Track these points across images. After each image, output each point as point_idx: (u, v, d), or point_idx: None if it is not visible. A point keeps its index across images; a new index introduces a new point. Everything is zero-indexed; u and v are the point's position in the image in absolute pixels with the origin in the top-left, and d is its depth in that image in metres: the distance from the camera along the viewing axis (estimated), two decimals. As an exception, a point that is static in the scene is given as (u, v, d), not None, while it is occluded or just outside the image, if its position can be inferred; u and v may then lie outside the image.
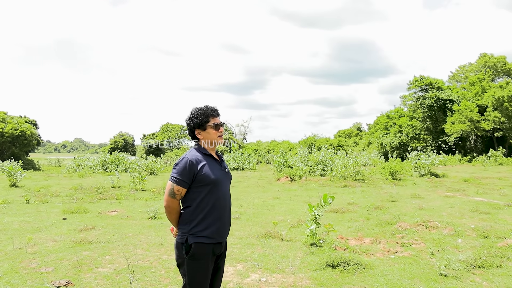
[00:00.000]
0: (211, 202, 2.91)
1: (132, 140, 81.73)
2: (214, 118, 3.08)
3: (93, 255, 5.85)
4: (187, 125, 3.12)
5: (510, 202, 10.20)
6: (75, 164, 30.00)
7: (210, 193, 2.91)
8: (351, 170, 17.94)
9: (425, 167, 19.92)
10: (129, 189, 14.96)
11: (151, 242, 6.64)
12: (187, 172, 2.86)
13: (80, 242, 6.54)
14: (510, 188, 13.95)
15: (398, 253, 5.88)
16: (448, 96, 37.23)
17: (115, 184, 16.23)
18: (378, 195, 12.66)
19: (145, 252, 6.02)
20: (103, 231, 7.54)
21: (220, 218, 2.95)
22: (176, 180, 2.88)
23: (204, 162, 2.94)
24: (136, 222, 8.54)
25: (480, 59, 45.58)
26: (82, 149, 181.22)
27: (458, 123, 33.83)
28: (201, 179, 2.88)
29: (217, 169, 3.02)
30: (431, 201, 11.15)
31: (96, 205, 11.20)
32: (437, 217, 8.65)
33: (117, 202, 11.74)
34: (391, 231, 7.29)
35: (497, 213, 8.97)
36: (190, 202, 2.92)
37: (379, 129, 44.47)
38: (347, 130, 65.37)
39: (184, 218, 2.93)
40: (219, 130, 3.09)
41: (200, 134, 3.07)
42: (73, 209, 9.89)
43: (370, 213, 9.31)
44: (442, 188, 14.44)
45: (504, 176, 18.93)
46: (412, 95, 40.25)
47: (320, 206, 6.25)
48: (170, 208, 2.93)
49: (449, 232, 7.02)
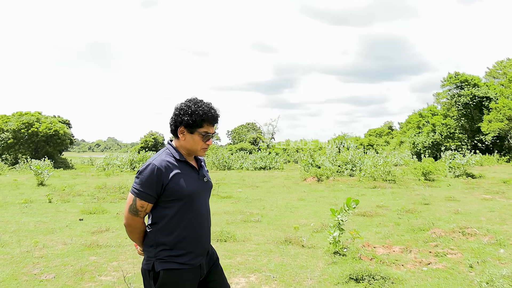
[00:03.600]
0: (184, 221, 2.33)
1: (162, 139, 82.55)
2: (209, 126, 2.46)
3: (100, 260, 5.52)
4: (174, 116, 2.45)
5: (557, 206, 9.32)
6: (104, 163, 30.33)
7: (182, 210, 2.33)
8: (381, 170, 17.18)
9: (460, 167, 18.91)
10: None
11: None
12: (154, 183, 2.27)
13: (89, 246, 6.24)
14: (555, 190, 12.92)
15: (431, 264, 5.27)
16: (485, 93, 35.55)
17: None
18: (410, 197, 11.94)
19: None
20: (116, 234, 7.23)
21: (195, 240, 2.38)
22: (139, 193, 2.28)
23: (176, 171, 2.34)
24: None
25: (519, 54, 43.44)
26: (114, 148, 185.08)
27: (495, 122, 32.24)
28: (171, 192, 2.30)
29: (193, 179, 2.43)
30: (468, 204, 10.37)
31: (116, 205, 10.98)
32: (475, 222, 7.94)
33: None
34: (424, 239, 6.66)
35: (543, 219, 8.16)
36: (156, 220, 2.35)
37: (411, 128, 43.06)
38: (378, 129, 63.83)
39: (149, 239, 2.35)
40: (206, 142, 2.47)
41: (183, 135, 2.43)
42: (91, 209, 9.68)
43: (400, 217, 8.66)
44: (480, 190, 13.54)
45: (547, 177, 17.71)
46: (447, 92, 38.70)
47: (343, 210, 5.71)
48: (131, 227, 2.36)
49: (489, 241, 6.33)
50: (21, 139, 36.52)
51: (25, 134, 36.68)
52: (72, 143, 51.01)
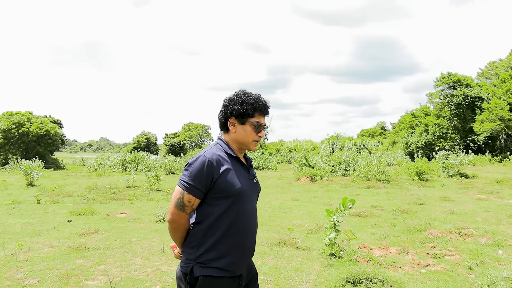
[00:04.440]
0: (231, 221, 2.16)
1: (155, 139, 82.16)
2: (260, 116, 2.31)
3: (87, 264, 5.31)
4: (223, 107, 2.31)
5: (553, 206, 9.24)
6: (95, 163, 29.98)
7: (231, 208, 2.16)
8: (375, 170, 17.08)
9: (454, 167, 18.88)
10: (144, 189, 14.52)
11: (153, 250, 6.07)
12: (204, 176, 2.10)
13: (77, 249, 6.03)
14: (549, 190, 12.87)
15: (429, 266, 5.13)
16: (477, 93, 35.66)
17: (130, 183, 15.84)
18: (404, 197, 11.83)
19: (144, 261, 5.45)
20: (106, 236, 7.02)
21: (241, 245, 2.20)
22: (188, 187, 2.12)
23: (227, 166, 2.18)
24: (143, 226, 8.01)
25: (511, 55, 43.66)
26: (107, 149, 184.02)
27: (487, 122, 32.34)
28: (221, 188, 2.13)
29: (243, 177, 2.26)
30: (463, 204, 10.27)
31: (107, 206, 10.75)
32: (471, 223, 7.83)
33: (129, 203, 11.27)
34: (420, 239, 6.52)
35: (539, 219, 8.07)
36: (201, 218, 2.17)
37: (404, 128, 43.12)
38: (371, 129, 63.94)
39: (191, 240, 2.18)
40: (259, 133, 2.31)
41: (234, 126, 2.28)
42: (81, 210, 9.45)
43: (396, 218, 8.53)
44: (474, 190, 13.47)
45: (540, 177, 17.71)
46: (439, 92, 38.78)
47: (339, 211, 5.55)
48: (176, 223, 2.18)
49: (487, 242, 6.21)
50: (11, 139, 36.06)
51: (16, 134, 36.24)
52: (63, 143, 50.54)
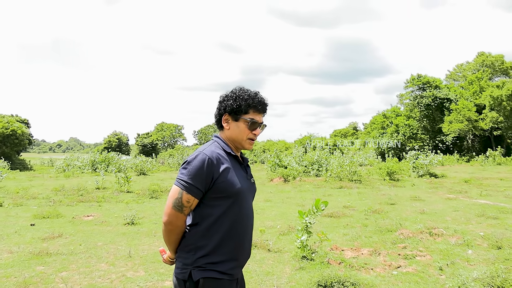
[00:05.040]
0: (230, 223, 2.05)
1: (127, 139, 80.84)
2: (256, 114, 2.19)
3: (48, 271, 5.04)
4: (218, 103, 2.22)
5: (518, 205, 9.46)
6: (64, 164, 29.14)
7: (230, 209, 2.05)
8: (347, 170, 17.19)
9: (424, 167, 19.24)
10: (113, 191, 14.13)
11: (119, 254, 5.83)
12: (204, 175, 1.99)
13: (38, 254, 5.73)
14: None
15: (401, 267, 5.11)
16: (446, 95, 36.56)
17: (100, 185, 15.40)
18: (376, 197, 11.91)
19: (109, 267, 5.22)
20: (70, 240, 6.73)
21: (240, 247, 2.10)
22: (187, 186, 1.99)
23: (227, 164, 2.08)
24: (111, 229, 7.73)
25: (477, 57, 44.95)
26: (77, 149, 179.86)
27: (455, 123, 33.19)
28: (221, 188, 2.02)
29: (242, 176, 2.16)
30: (433, 204, 10.40)
31: (73, 208, 10.37)
32: (441, 222, 7.91)
33: (97, 205, 10.92)
34: (392, 240, 6.52)
35: (506, 218, 8.23)
36: (199, 220, 2.05)
37: (375, 128, 43.77)
38: (343, 130, 64.68)
39: (187, 243, 2.05)
40: (253, 131, 2.19)
41: (227, 123, 2.19)
42: (45, 213, 9.07)
43: (368, 218, 8.54)
44: (443, 190, 13.71)
45: (505, 176, 18.25)
46: (409, 94, 39.56)
47: (311, 212, 5.47)
48: (173, 225, 2.03)
49: (457, 241, 6.25)
50: (-26, 139, 34.73)
51: (-21, 134, 34.94)
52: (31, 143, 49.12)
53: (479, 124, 32.61)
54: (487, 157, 29.26)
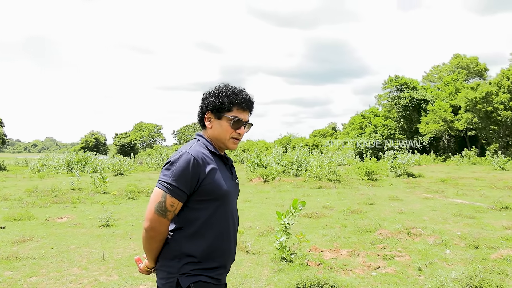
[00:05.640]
0: (217, 226, 1.93)
1: (104, 139, 79.67)
2: (240, 111, 2.05)
3: (16, 276, 4.82)
4: (201, 101, 2.10)
5: (493, 204, 9.61)
6: (39, 164, 28.42)
7: (217, 212, 1.93)
8: (326, 170, 17.23)
9: (401, 167, 19.46)
10: (89, 192, 13.79)
11: (92, 258, 5.64)
12: (189, 176, 1.85)
13: (7, 259, 5.48)
14: (489, 189, 13.47)
15: (380, 268, 5.07)
16: (423, 96, 37.16)
17: (75, 186, 15.02)
18: (355, 197, 11.94)
19: (81, 271, 5.02)
20: (41, 243, 6.48)
21: (227, 252, 1.99)
22: (171, 188, 1.84)
23: (213, 165, 1.94)
24: (85, 231, 7.50)
25: (453, 59, 45.85)
26: (53, 149, 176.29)
27: (432, 123, 33.76)
28: (208, 190, 1.89)
29: (228, 177, 2.04)
30: (411, 204, 10.49)
31: (46, 210, 10.05)
32: (419, 222, 7.95)
33: (72, 207, 10.61)
34: (371, 240, 6.50)
35: (482, 217, 8.33)
36: (183, 224, 1.90)
37: (354, 128, 44.18)
38: (322, 130, 65.14)
39: (171, 250, 1.90)
40: (237, 130, 2.05)
41: (210, 121, 2.06)
42: (16, 215, 8.75)
43: (347, 218, 8.52)
44: (420, 189, 13.87)
45: (480, 176, 18.60)
46: (387, 94, 40.07)
47: (290, 213, 5.39)
48: (155, 232, 1.87)
49: (435, 241, 6.27)
50: None
51: (-51, 133, 33.79)
52: (4, 143, 47.78)
53: (455, 125, 33.26)
54: (463, 157, 29.86)
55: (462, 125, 32.72)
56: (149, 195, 12.78)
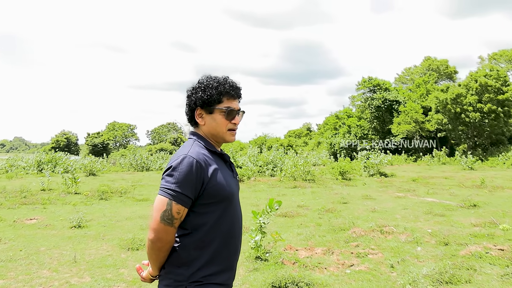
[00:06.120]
0: (225, 229, 1.85)
1: (76, 139, 78.02)
2: (231, 100, 1.96)
3: (-18, 279, 4.66)
4: (187, 99, 1.99)
5: (462, 203, 9.89)
6: (7, 165, 27.57)
7: (224, 215, 1.85)
8: (301, 170, 17.36)
9: (374, 166, 19.79)
10: (60, 192, 13.46)
11: (63, 259, 5.50)
12: (194, 181, 1.76)
13: (-28, 262, 5.30)
14: (458, 188, 13.85)
15: (354, 266, 5.14)
16: (395, 97, 37.90)
17: (45, 186, 14.64)
18: (329, 196, 12.07)
19: (52, 274, 4.90)
20: (9, 246, 6.28)
21: (235, 254, 1.92)
22: (176, 195, 1.74)
23: (214, 165, 1.86)
24: (55, 233, 7.32)
25: (424, 62, 46.97)
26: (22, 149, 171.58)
27: (404, 124, 34.47)
28: (213, 192, 1.81)
29: (229, 176, 1.96)
30: (383, 203, 10.68)
31: (15, 211, 9.75)
32: (391, 220, 8.10)
33: (41, 208, 10.33)
34: (345, 239, 6.58)
35: (452, 215, 8.56)
36: (190, 230, 1.82)
37: (328, 129, 44.68)
38: (297, 130, 65.61)
39: (179, 257, 1.81)
40: (232, 120, 1.97)
41: (201, 118, 1.96)
42: (-18, 217, 8.46)
43: (321, 217, 8.61)
44: (393, 188, 14.13)
45: (450, 175, 19.10)
46: (361, 95, 40.68)
47: (265, 212, 5.40)
48: (162, 242, 1.78)
49: (406, 239, 6.41)
50: None
51: None
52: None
53: (426, 126, 34.06)
54: (433, 157, 30.62)
55: (433, 126, 33.53)
56: (122, 195, 12.59)
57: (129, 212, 9.50)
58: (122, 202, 11.23)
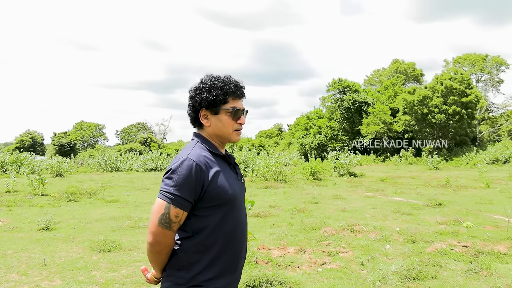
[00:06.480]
0: (226, 233, 1.83)
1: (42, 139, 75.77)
2: (236, 100, 1.95)
3: None
4: (191, 99, 1.95)
5: (428, 202, 10.22)
6: (-33, 166, 26.51)
7: (225, 218, 1.83)
8: (273, 170, 17.50)
9: (344, 167, 20.16)
10: (26, 194, 13.09)
11: (32, 263, 5.39)
12: (193, 184, 1.74)
13: None
14: (424, 187, 14.30)
15: (325, 264, 5.26)
16: (364, 98, 38.63)
17: (10, 188, 14.18)
18: (300, 196, 12.23)
19: (21, 277, 4.79)
20: (-26, 249, 6.10)
21: (237, 258, 1.89)
22: (174, 199, 1.73)
23: (216, 168, 1.83)
24: (23, 235, 7.13)
25: (392, 64, 48.07)
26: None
27: (372, 125, 35.20)
28: (214, 195, 1.79)
29: (233, 178, 1.93)
30: (353, 202, 10.91)
31: (-22, 214, 9.44)
32: (361, 219, 8.30)
33: (7, 210, 10.03)
34: (316, 238, 6.71)
35: (418, 214, 8.85)
36: (191, 233, 1.80)
37: (299, 129, 45.12)
38: (269, 131, 65.95)
39: (179, 259, 1.80)
40: (238, 121, 1.95)
41: (207, 119, 1.93)
42: None
43: (293, 217, 8.73)
44: (362, 188, 14.44)
45: (416, 175, 19.67)
46: (331, 97, 41.25)
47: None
48: (161, 245, 1.77)
49: (376, 237, 6.59)
50: None
51: None
52: None
53: (393, 127, 34.92)
54: (401, 157, 31.45)
55: (400, 127, 34.40)
56: (91, 196, 12.37)
57: (99, 214, 9.35)
58: (92, 204, 11.04)
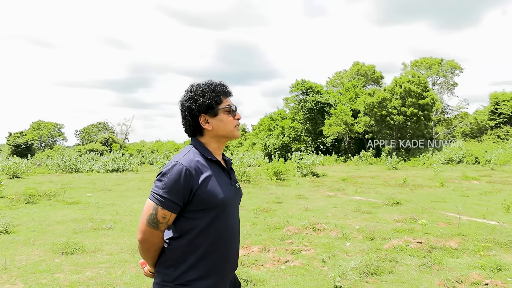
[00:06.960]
0: (214, 236, 1.89)
1: (-5, 139, 72.57)
2: (228, 99, 2.05)
3: None
4: (186, 110, 2.00)
5: (386, 200, 10.64)
6: None
7: (214, 222, 1.89)
8: (237, 170, 17.62)
9: (307, 167, 20.54)
10: (-20, 196, 12.59)
11: (-9, 267, 5.27)
12: (181, 188, 1.81)
13: None
14: (383, 186, 14.81)
15: (288, 262, 5.44)
16: (326, 100, 39.41)
17: (-37, 190, 13.60)
18: (264, 196, 12.42)
19: (-20, 282, 4.69)
20: None
21: (224, 261, 1.95)
22: (162, 201, 1.81)
23: (207, 173, 1.90)
24: (-21, 239, 6.92)
25: (353, 66, 49.25)
26: None
27: (334, 126, 35.99)
28: (203, 199, 1.85)
29: (225, 183, 1.98)
30: (315, 201, 11.19)
31: None
32: (323, 218, 8.55)
33: (-40, 213, 9.65)
34: (280, 237, 6.89)
35: (377, 212, 9.21)
36: (179, 234, 1.88)
37: (263, 130, 45.46)
38: (232, 131, 65.91)
39: (168, 258, 1.89)
40: (236, 117, 2.05)
41: (208, 123, 1.98)
42: None
43: (257, 217, 8.89)
44: (324, 188, 14.79)
45: (376, 175, 20.31)
46: (294, 98, 41.81)
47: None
48: (149, 243, 1.87)
49: (336, 235, 6.85)
50: None
51: None
52: None
53: (354, 128, 35.85)
54: (361, 157, 32.33)
55: (361, 128, 35.37)
56: (51, 198, 12.07)
57: (60, 216, 9.17)
58: (52, 206, 10.78)
